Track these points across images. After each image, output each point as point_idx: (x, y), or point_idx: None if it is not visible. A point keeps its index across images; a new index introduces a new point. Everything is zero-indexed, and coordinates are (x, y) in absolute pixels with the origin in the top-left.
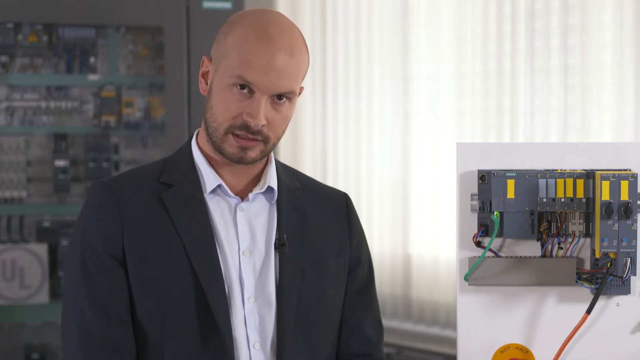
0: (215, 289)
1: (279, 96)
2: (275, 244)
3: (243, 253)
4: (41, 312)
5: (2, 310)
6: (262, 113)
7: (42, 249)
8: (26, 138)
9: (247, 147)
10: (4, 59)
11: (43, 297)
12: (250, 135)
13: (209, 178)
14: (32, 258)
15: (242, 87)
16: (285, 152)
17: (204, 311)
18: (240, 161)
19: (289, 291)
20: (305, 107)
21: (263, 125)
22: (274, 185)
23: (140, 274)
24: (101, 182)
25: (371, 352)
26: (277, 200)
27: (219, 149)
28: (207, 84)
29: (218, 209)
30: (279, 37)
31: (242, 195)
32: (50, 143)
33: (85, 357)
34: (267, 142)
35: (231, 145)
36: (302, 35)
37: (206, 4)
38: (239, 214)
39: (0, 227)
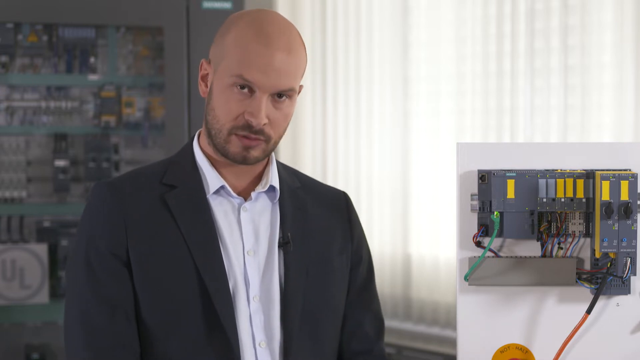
0: (220, 289)
1: (279, 94)
2: (279, 243)
3: (247, 253)
4: (41, 312)
5: (2, 310)
6: (264, 112)
7: (42, 249)
8: (26, 138)
9: (251, 147)
10: (4, 59)
11: (43, 297)
12: (252, 135)
13: (212, 179)
14: (32, 258)
15: (242, 87)
16: (285, 152)
17: (209, 311)
18: (244, 161)
19: (294, 290)
20: (305, 107)
21: (265, 124)
22: (276, 184)
23: (145, 274)
24: (104, 183)
25: (372, 347)
26: (279, 199)
27: (222, 151)
28: (207, 86)
29: (221, 210)
30: (276, 35)
31: (244, 195)
32: (50, 143)
33: (91, 355)
34: (269, 141)
35: (235, 146)
36: (299, 34)
37: (206, 4)
38: (242, 214)
39: (0, 227)
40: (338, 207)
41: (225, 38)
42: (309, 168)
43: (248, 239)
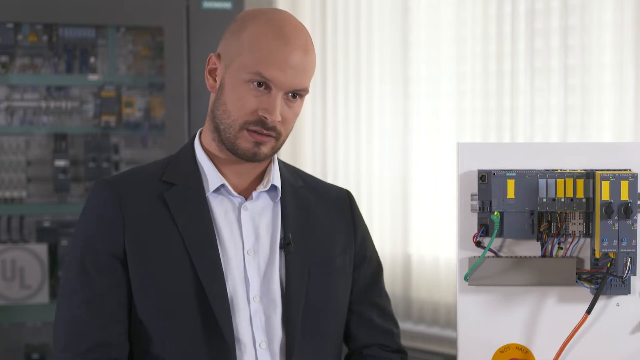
0: (217, 289)
1: (293, 93)
2: (280, 243)
3: (247, 252)
4: (41, 312)
5: (2, 310)
6: (279, 109)
7: (42, 249)
8: (26, 138)
9: (261, 143)
10: (4, 59)
11: (43, 297)
12: (265, 131)
13: (212, 177)
14: (32, 258)
15: (259, 84)
16: (285, 152)
17: (205, 310)
18: (254, 157)
19: (296, 290)
20: (305, 106)
21: (277, 122)
22: (278, 183)
23: (141, 273)
24: (104, 180)
25: (388, 343)
26: (281, 198)
27: (231, 146)
28: (215, 81)
29: (222, 208)
30: (295, 35)
31: (245, 194)
32: (50, 143)
33: (73, 355)
34: (279, 138)
35: (246, 141)
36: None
37: (206, 4)
38: (243, 213)
39: (0, 227)
40: (342, 206)
41: (242, 34)
42: (309, 168)
43: (248, 239)
